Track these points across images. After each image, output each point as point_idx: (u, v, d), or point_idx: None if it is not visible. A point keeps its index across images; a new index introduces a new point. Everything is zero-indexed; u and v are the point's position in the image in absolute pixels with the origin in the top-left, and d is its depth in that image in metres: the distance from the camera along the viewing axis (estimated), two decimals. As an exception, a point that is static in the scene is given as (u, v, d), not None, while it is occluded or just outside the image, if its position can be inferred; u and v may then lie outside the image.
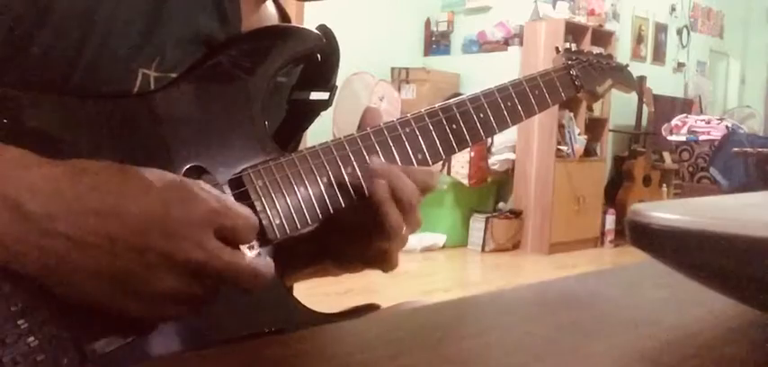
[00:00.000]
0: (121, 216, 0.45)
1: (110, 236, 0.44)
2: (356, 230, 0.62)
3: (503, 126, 0.72)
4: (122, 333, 0.49)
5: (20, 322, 0.45)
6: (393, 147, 0.64)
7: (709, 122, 5.42)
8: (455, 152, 0.69)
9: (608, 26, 5.50)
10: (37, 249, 0.43)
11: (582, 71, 0.82)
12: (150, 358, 0.51)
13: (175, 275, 0.46)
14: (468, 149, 4.60)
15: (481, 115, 0.70)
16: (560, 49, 0.85)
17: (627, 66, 0.96)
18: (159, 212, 0.45)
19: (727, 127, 5.30)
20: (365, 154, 0.62)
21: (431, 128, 0.67)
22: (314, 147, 0.61)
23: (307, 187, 0.59)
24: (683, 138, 5.39)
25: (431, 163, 0.67)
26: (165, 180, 0.47)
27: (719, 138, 5.16)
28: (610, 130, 5.52)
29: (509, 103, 0.72)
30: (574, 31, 4.95)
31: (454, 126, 0.68)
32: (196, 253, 0.46)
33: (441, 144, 0.67)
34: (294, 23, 0.71)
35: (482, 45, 5.55)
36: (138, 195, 0.46)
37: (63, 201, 0.44)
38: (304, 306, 0.59)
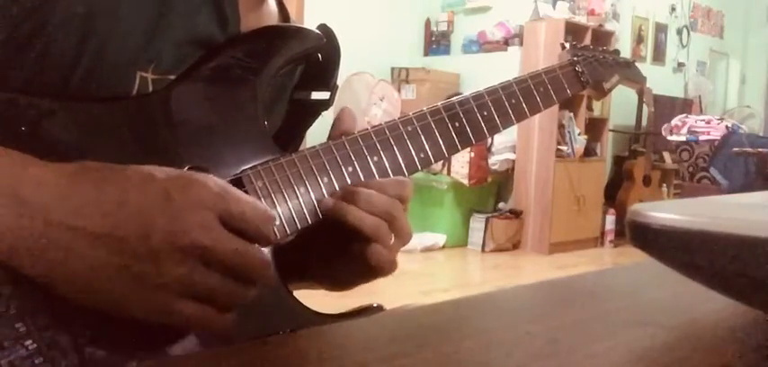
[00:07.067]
0: (124, 204, 0.45)
1: (113, 224, 0.44)
2: (330, 249, 0.61)
3: (507, 124, 0.71)
4: (123, 338, 0.49)
5: (18, 325, 0.45)
6: (395, 147, 0.64)
7: (709, 122, 5.41)
8: (458, 151, 0.68)
9: (608, 26, 5.50)
10: (41, 242, 0.43)
11: (588, 67, 0.81)
12: (151, 359, 0.51)
13: (181, 261, 0.45)
14: (469, 149, 4.60)
15: (485, 113, 0.69)
16: (566, 45, 0.84)
17: (634, 61, 0.95)
18: (161, 197, 0.46)
19: (727, 127, 5.29)
20: (366, 154, 0.62)
21: (434, 126, 0.66)
22: (314, 146, 0.61)
23: (307, 188, 0.59)
24: (683, 138, 5.38)
25: (434, 162, 0.67)
26: (167, 171, 0.48)
27: (719, 138, 5.15)
28: (610, 130, 5.52)
29: (513, 101, 0.71)
30: (574, 31, 4.94)
31: (457, 124, 0.67)
32: (200, 235, 0.45)
33: (444, 143, 0.66)
34: (294, 23, 0.71)
35: (482, 45, 5.55)
36: (140, 184, 0.46)
37: (66, 193, 0.45)
38: (305, 307, 0.59)
